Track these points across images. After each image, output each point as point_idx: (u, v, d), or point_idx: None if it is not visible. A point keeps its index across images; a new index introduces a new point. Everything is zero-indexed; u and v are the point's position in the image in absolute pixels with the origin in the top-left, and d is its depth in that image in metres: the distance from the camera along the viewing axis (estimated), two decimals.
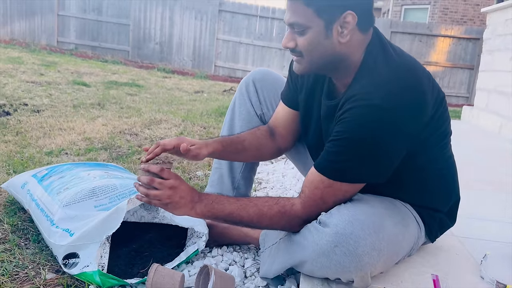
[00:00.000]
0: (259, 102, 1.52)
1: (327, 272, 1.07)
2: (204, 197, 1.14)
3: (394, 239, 1.09)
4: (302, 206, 1.11)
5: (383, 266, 1.09)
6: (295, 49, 1.10)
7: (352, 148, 1.04)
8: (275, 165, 2.77)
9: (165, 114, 3.94)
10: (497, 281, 1.19)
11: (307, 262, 1.09)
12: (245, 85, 1.53)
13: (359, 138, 1.03)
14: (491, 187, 2.32)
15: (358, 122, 1.02)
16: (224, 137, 1.37)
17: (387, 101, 1.01)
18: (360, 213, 1.04)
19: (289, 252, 1.14)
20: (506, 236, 1.58)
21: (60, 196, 1.36)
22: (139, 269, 1.24)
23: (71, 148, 2.54)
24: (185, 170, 2.33)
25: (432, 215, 1.27)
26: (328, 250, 1.03)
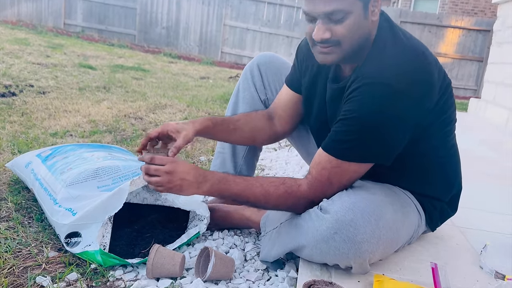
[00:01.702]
0: (264, 86, 1.51)
1: (326, 258, 1.08)
2: (210, 176, 1.12)
3: (394, 227, 1.09)
4: (308, 187, 1.11)
5: (382, 253, 1.10)
6: (330, 39, 1.05)
7: (362, 126, 1.04)
8: (278, 152, 2.77)
9: (170, 99, 3.94)
10: (496, 271, 1.19)
11: (306, 247, 1.10)
12: (250, 69, 1.52)
13: (369, 115, 1.03)
14: (495, 180, 2.31)
15: (368, 100, 1.03)
16: (215, 116, 1.35)
17: (397, 81, 1.01)
18: (360, 200, 1.05)
19: (289, 237, 1.15)
20: (507, 228, 1.58)
21: (64, 176, 1.37)
22: (141, 249, 1.25)
23: (76, 130, 2.55)
24: (188, 155, 2.33)
25: (433, 204, 1.27)
26: (327, 236, 1.04)
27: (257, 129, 1.39)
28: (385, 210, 1.07)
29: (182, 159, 2.25)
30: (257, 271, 1.23)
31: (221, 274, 1.14)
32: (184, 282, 1.13)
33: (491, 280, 1.17)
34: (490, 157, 2.87)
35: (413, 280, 1.12)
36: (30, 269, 1.13)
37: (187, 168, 1.10)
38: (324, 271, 1.13)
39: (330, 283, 0.94)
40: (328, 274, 1.12)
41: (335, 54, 1.08)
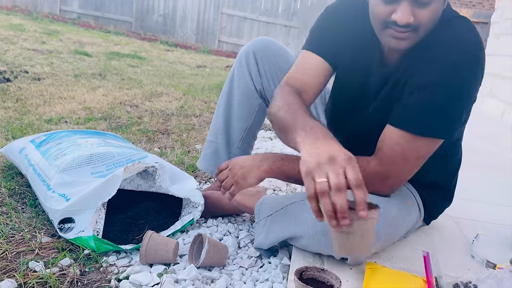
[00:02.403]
0: (259, 75, 1.44)
1: (323, 249, 1.09)
2: (271, 154, 1.12)
3: (394, 223, 1.10)
4: (379, 163, 1.05)
5: (380, 247, 1.11)
6: (412, 24, 0.98)
7: (442, 97, 1.00)
8: (274, 142, 2.77)
9: (166, 87, 3.92)
10: (487, 260, 1.20)
11: (303, 238, 1.10)
12: (245, 56, 1.45)
13: (451, 85, 0.99)
14: (488, 171, 2.32)
15: (446, 69, 0.99)
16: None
17: (475, 50, 1.00)
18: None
19: (285, 226, 1.14)
20: (499, 218, 1.60)
21: (57, 161, 1.36)
22: (134, 236, 1.25)
23: (71, 117, 2.53)
24: (184, 143, 2.33)
25: (433, 197, 1.28)
26: (328, 229, 1.03)
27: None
28: (387, 207, 1.06)
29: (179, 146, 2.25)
30: (251, 258, 1.23)
31: (214, 261, 1.15)
32: (178, 268, 1.13)
33: (482, 269, 1.18)
34: (484, 148, 2.88)
35: (405, 268, 1.12)
36: (23, 254, 1.13)
37: (245, 158, 1.12)
38: (316, 259, 1.13)
39: (322, 270, 0.94)
40: (320, 261, 1.12)
41: (410, 40, 1.02)
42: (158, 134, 2.44)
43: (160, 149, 2.16)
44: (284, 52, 1.46)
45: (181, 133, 2.51)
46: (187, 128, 2.64)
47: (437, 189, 1.30)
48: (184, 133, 2.52)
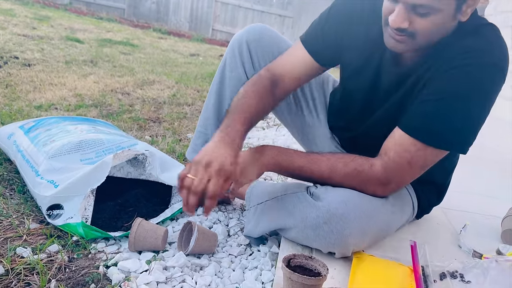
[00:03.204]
0: (253, 66, 1.38)
1: (311, 243, 1.09)
2: (268, 148, 1.08)
3: (384, 226, 1.10)
4: (383, 168, 1.04)
5: (367, 245, 1.11)
6: (407, 29, 0.96)
7: (462, 110, 0.97)
8: (266, 131, 2.77)
9: (159, 75, 3.90)
10: (474, 250, 1.22)
11: (292, 230, 1.10)
12: (238, 45, 1.39)
13: (468, 96, 0.96)
14: (479, 163, 2.34)
15: (470, 79, 0.95)
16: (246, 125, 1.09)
17: (502, 61, 0.96)
18: (356, 196, 1.04)
19: (276, 216, 1.14)
20: (487, 209, 1.61)
21: (46, 148, 1.35)
22: (123, 223, 1.25)
23: (61, 104, 2.51)
24: (175, 132, 2.32)
25: (426, 194, 1.29)
26: (316, 225, 1.04)
27: (265, 109, 1.20)
28: (380, 210, 1.06)
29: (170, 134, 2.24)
30: (240, 246, 1.23)
31: (203, 248, 1.15)
32: (166, 255, 1.13)
33: (469, 258, 1.19)
34: (476, 141, 2.90)
35: (392, 257, 1.13)
36: (11, 240, 1.12)
37: (242, 153, 1.05)
38: (305, 247, 1.14)
39: (310, 257, 0.95)
40: (309, 250, 1.13)
41: (406, 44, 0.99)
42: (149, 122, 2.42)
43: (151, 137, 2.15)
44: (279, 40, 1.40)
45: (173, 122, 2.49)
46: (179, 117, 2.63)
47: (432, 187, 1.30)
48: (176, 121, 2.51)
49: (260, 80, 1.20)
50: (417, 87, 1.06)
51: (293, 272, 0.87)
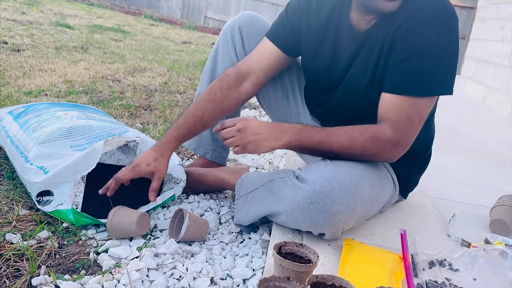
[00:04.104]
0: (244, 51, 1.41)
1: (300, 225, 1.10)
2: (288, 126, 1.13)
3: (369, 199, 1.11)
4: (393, 130, 1.09)
5: (355, 223, 1.12)
6: None
7: (433, 57, 1.05)
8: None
9: (150, 62, 3.86)
10: (462, 239, 1.23)
11: (281, 214, 1.11)
12: (230, 30, 1.42)
13: (435, 43, 1.05)
14: (469, 154, 2.36)
15: (433, 29, 1.05)
16: (180, 131, 1.25)
17: (448, 5, 1.06)
18: (338, 173, 1.05)
19: (264, 202, 1.15)
20: (476, 199, 1.63)
21: (36, 134, 1.34)
22: None
23: (51, 90, 2.48)
24: (167, 120, 2.30)
25: (406, 170, 1.31)
26: (303, 206, 1.05)
27: (224, 110, 1.30)
28: (362, 184, 1.08)
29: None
30: (231, 234, 1.24)
31: (194, 236, 1.15)
32: (158, 242, 1.13)
33: (457, 247, 1.21)
34: (465, 131, 2.93)
35: (382, 245, 1.15)
36: (0, 226, 1.11)
37: (259, 123, 1.11)
38: (296, 234, 1.14)
39: (301, 245, 0.95)
40: (299, 237, 1.14)
41: (396, 2, 1.06)
42: (140, 110, 2.41)
43: (143, 125, 2.14)
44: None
45: (164, 109, 2.48)
46: (170, 105, 2.61)
47: (411, 161, 1.32)
48: (167, 109, 2.49)
49: (224, 78, 1.31)
50: (378, 50, 1.11)
51: (284, 259, 0.88)
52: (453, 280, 1.02)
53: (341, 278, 0.83)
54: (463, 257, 1.11)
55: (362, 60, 1.16)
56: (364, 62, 1.15)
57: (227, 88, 1.29)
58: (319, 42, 1.23)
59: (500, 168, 2.17)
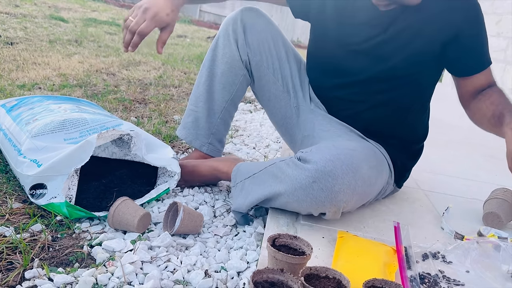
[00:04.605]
0: (246, 45, 1.41)
1: (302, 205, 1.11)
2: None
3: (368, 181, 1.14)
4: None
5: (355, 204, 1.15)
6: None
7: (485, 31, 1.24)
8: (253, 114, 2.76)
9: (145, 56, 3.84)
10: (456, 232, 1.24)
11: (283, 195, 1.12)
12: (232, 23, 1.42)
13: (484, 22, 1.23)
14: (463, 148, 2.37)
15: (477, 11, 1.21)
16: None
17: None
18: (340, 153, 1.09)
19: (265, 185, 1.16)
20: (470, 192, 1.64)
21: (29, 126, 1.33)
22: (108, 203, 1.24)
23: (45, 83, 2.46)
24: (162, 113, 2.30)
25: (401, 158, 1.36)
26: (306, 184, 1.07)
27: None
28: (362, 165, 1.11)
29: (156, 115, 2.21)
30: (226, 227, 1.24)
31: (189, 229, 1.15)
32: (152, 235, 1.13)
33: (451, 240, 1.21)
34: (459, 125, 2.93)
35: (376, 237, 1.15)
36: None
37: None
38: (290, 227, 1.15)
39: (295, 237, 0.96)
40: (294, 230, 1.14)
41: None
42: (135, 103, 2.40)
43: (137, 119, 2.13)
44: (271, 26, 1.45)
45: (159, 103, 2.47)
46: (165, 98, 2.60)
47: (406, 149, 1.38)
48: (162, 103, 2.49)
49: None
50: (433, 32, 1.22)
51: (278, 251, 0.88)
52: (446, 272, 1.03)
53: (335, 270, 0.84)
54: (456, 249, 1.12)
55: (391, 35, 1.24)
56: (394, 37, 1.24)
57: None
58: (341, 8, 1.31)
59: (494, 162, 2.18)
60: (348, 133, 1.33)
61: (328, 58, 1.37)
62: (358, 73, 1.31)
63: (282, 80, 1.46)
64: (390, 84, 1.29)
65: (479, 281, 1.02)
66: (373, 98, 1.31)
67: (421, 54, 1.23)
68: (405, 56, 1.24)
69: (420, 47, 1.23)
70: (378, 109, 1.32)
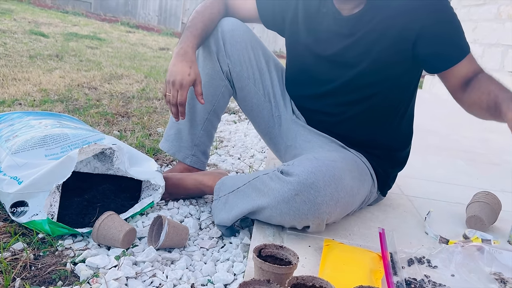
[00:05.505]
0: (226, 56, 1.41)
1: (285, 218, 1.11)
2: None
3: (351, 191, 1.14)
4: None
5: (338, 215, 1.15)
6: None
7: (455, 18, 1.19)
8: (238, 125, 2.77)
9: (127, 69, 3.83)
10: (440, 236, 1.25)
11: (266, 209, 1.12)
12: (212, 34, 1.41)
13: (453, 13, 1.20)
14: (444, 153, 2.41)
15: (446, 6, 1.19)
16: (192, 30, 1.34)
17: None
18: (322, 166, 1.09)
19: (249, 198, 1.16)
20: (453, 197, 1.66)
21: (9, 143, 1.31)
22: (91, 219, 1.22)
23: (25, 99, 2.43)
24: (145, 126, 2.28)
25: (382, 166, 1.36)
26: (289, 197, 1.07)
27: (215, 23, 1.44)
28: (344, 176, 1.11)
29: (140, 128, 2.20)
30: (212, 239, 1.23)
31: (174, 242, 1.14)
32: (136, 250, 1.12)
33: (436, 244, 1.22)
34: (440, 131, 2.98)
35: (361, 244, 1.15)
36: None
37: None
38: (276, 237, 1.14)
39: (281, 247, 0.95)
40: (280, 239, 1.14)
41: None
42: (117, 117, 2.38)
43: (120, 132, 2.11)
44: (251, 35, 1.45)
45: (142, 116, 2.45)
46: (148, 111, 2.59)
47: (390, 157, 1.37)
48: (145, 116, 2.47)
49: (216, 2, 1.42)
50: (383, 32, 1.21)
51: (264, 262, 0.87)
52: (432, 277, 1.04)
53: (321, 278, 0.84)
54: (441, 253, 1.13)
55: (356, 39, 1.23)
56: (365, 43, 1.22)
57: (219, 9, 1.43)
58: (310, 16, 1.32)
59: (475, 166, 2.22)
60: (329, 144, 1.34)
61: (301, 69, 1.38)
62: (329, 83, 1.30)
63: (263, 89, 1.46)
64: (362, 93, 1.27)
65: (465, 284, 1.03)
66: (348, 109, 1.31)
67: (388, 56, 1.21)
68: (371, 61, 1.22)
69: (386, 49, 1.20)
70: (354, 120, 1.32)
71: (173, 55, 1.30)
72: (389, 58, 1.21)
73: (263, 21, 1.45)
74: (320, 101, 1.35)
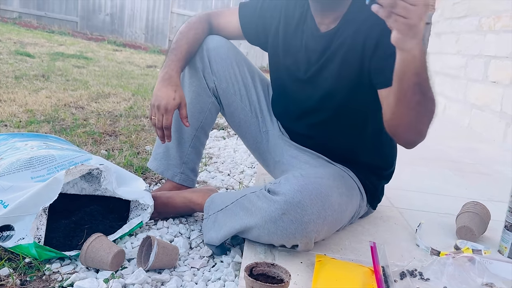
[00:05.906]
0: (212, 72, 1.42)
1: (273, 238, 1.10)
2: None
3: (338, 208, 1.13)
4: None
5: (327, 232, 1.14)
6: None
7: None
8: (227, 140, 2.76)
9: (114, 87, 3.81)
10: (431, 248, 1.25)
11: (254, 228, 1.11)
12: (198, 52, 1.42)
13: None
14: (432, 164, 2.42)
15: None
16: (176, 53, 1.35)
17: None
18: (308, 184, 1.07)
19: (236, 218, 1.15)
20: (442, 208, 1.67)
21: None
22: (79, 241, 1.20)
23: (11, 120, 2.40)
24: (133, 145, 2.27)
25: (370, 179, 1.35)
26: (275, 217, 1.06)
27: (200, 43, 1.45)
28: (331, 193, 1.10)
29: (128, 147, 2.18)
30: (202, 258, 1.21)
31: (164, 263, 1.12)
32: (125, 272, 1.10)
33: (427, 256, 1.22)
34: (428, 142, 3.01)
35: (353, 259, 1.15)
36: None
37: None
38: (268, 254, 1.13)
39: (272, 265, 0.95)
40: (272, 257, 1.13)
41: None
42: (105, 136, 2.36)
43: (108, 151, 2.09)
44: (235, 51, 1.46)
45: (130, 135, 2.44)
46: (136, 129, 2.57)
47: (376, 171, 1.37)
48: (133, 134, 2.46)
49: (199, 21, 1.43)
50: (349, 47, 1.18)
51: (255, 281, 0.86)
52: None
53: None
54: (433, 265, 1.13)
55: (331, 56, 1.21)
56: (332, 59, 1.21)
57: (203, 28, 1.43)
58: (285, 35, 1.32)
59: (463, 176, 2.23)
60: (316, 159, 1.34)
61: (281, 90, 1.39)
62: (304, 103, 1.31)
63: (250, 105, 1.47)
64: (336, 113, 1.26)
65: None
66: (325, 130, 1.30)
67: (352, 72, 1.18)
68: (337, 78, 1.20)
69: (352, 65, 1.17)
70: (334, 142, 1.32)
71: (158, 79, 1.31)
72: (353, 75, 1.18)
73: (247, 39, 1.45)
74: (299, 122, 1.36)
